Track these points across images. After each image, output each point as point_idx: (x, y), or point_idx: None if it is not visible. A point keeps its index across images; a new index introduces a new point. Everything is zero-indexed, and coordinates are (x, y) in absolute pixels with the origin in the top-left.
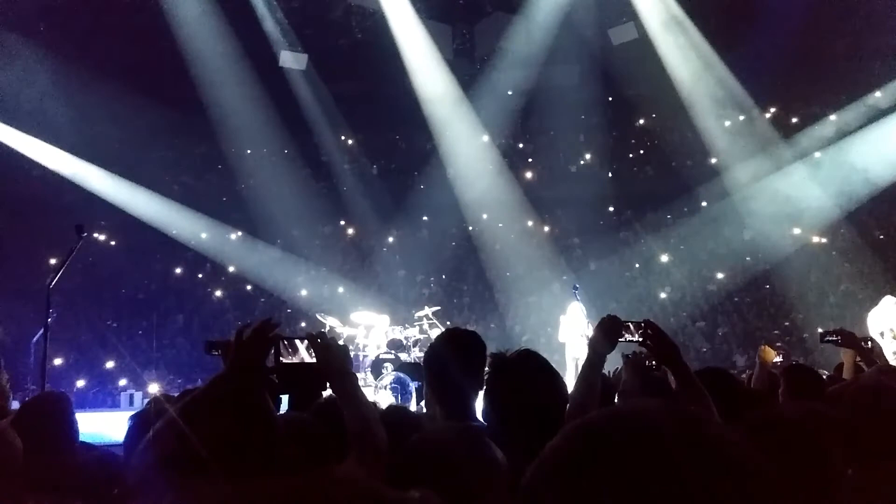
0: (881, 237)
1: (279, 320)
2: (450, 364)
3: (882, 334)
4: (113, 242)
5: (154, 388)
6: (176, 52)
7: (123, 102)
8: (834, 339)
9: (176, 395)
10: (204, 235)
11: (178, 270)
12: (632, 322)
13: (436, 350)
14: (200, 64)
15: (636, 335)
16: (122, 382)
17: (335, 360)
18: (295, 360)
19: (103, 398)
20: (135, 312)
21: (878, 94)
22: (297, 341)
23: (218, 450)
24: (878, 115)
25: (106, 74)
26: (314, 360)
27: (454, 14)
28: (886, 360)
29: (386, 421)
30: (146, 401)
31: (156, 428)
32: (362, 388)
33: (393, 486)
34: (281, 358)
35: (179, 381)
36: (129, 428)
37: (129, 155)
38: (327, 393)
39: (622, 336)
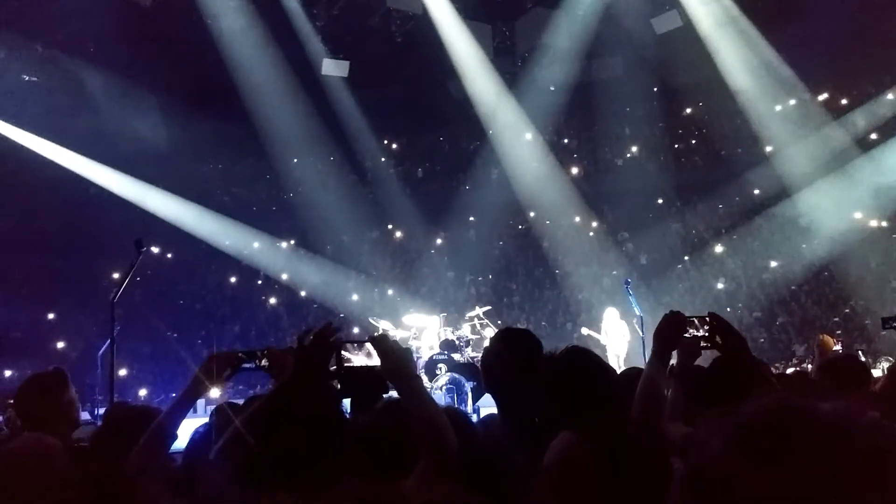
0: None
1: (340, 325)
2: (505, 363)
3: None
4: (169, 255)
5: (215, 394)
6: (220, 66)
7: (171, 117)
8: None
9: (241, 401)
10: (256, 245)
11: (232, 280)
12: (696, 317)
13: (491, 350)
14: (244, 76)
15: (701, 330)
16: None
17: (399, 363)
18: (356, 363)
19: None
20: (192, 322)
21: None
22: (359, 344)
23: (286, 461)
24: None
25: (153, 90)
26: (376, 362)
27: (493, 12)
28: None
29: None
30: (209, 408)
31: (223, 440)
32: None
33: (461, 486)
34: (343, 362)
35: (240, 387)
36: (192, 440)
37: (179, 169)
38: (386, 395)
39: (686, 332)
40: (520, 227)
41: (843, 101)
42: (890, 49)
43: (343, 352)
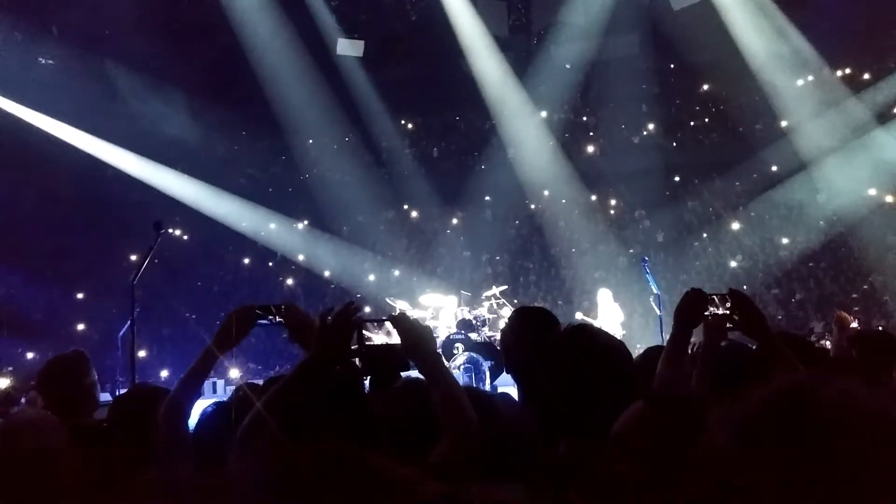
0: None
1: (360, 304)
2: (522, 342)
3: None
4: (186, 237)
5: (235, 374)
6: (235, 48)
7: (188, 100)
8: None
9: (261, 382)
10: (272, 226)
11: (248, 261)
12: (716, 295)
13: (508, 329)
14: (259, 57)
15: (721, 308)
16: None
17: (420, 340)
18: (377, 341)
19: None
20: (211, 304)
21: None
22: (380, 323)
23: (307, 447)
24: None
25: (170, 73)
26: (395, 341)
27: None
28: None
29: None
30: (229, 388)
31: (245, 424)
32: None
33: (481, 467)
34: (364, 341)
35: (259, 367)
36: (204, 415)
37: (195, 151)
38: (406, 374)
39: (707, 309)
40: (535, 206)
41: (864, 77)
42: None
43: (364, 331)
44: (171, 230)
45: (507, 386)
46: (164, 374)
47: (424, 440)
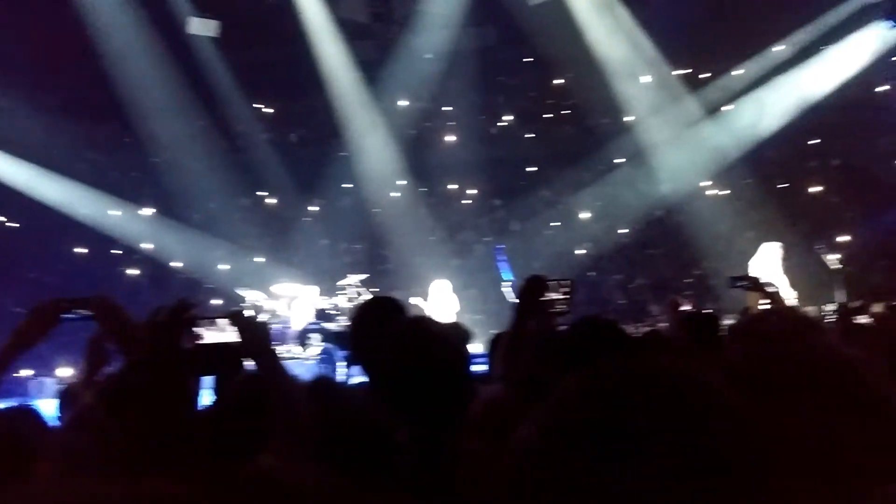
0: (783, 185)
1: (197, 300)
2: (366, 330)
3: None
4: (14, 224)
5: (64, 373)
6: (75, 22)
7: (18, 76)
8: (745, 283)
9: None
10: (113, 213)
11: (86, 251)
12: (556, 280)
13: (355, 318)
14: (105, 35)
15: (559, 292)
16: (30, 372)
17: (257, 338)
18: (211, 339)
19: (11, 387)
20: (42, 296)
21: (781, 46)
22: (218, 320)
23: (129, 443)
24: (782, 67)
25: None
26: (231, 338)
27: None
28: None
29: (313, 393)
30: (58, 387)
31: (67, 419)
32: (289, 360)
33: (322, 463)
34: (197, 338)
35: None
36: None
37: (27, 132)
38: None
39: (545, 295)
40: (393, 194)
41: (705, 75)
42: (743, 29)
43: (197, 328)
44: None
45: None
46: None
47: (258, 441)
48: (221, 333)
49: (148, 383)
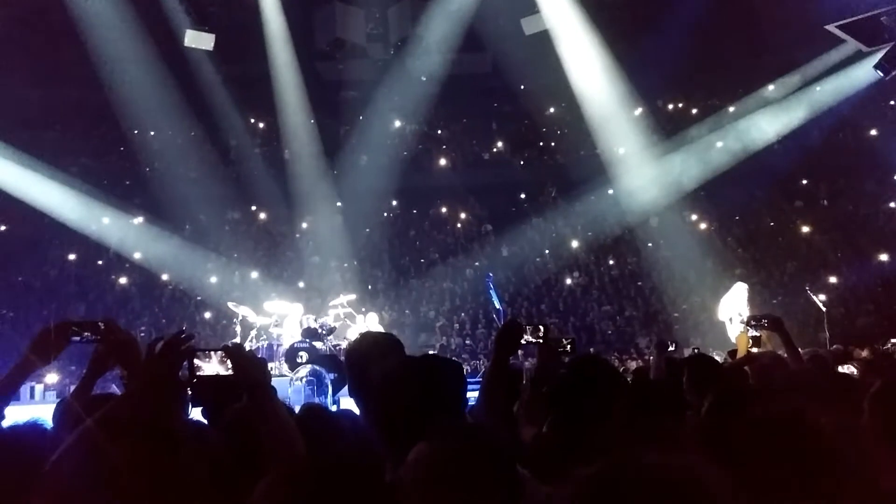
0: (771, 224)
1: (193, 332)
2: (369, 365)
3: (731, 319)
4: (4, 227)
5: (53, 379)
6: (74, 31)
7: (17, 82)
8: (763, 324)
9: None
10: (105, 220)
11: (76, 257)
12: (530, 325)
13: (356, 352)
14: (101, 43)
15: (533, 336)
16: None
17: (253, 373)
18: (209, 372)
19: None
20: (32, 301)
21: (770, 87)
22: (213, 353)
23: (122, 474)
24: (772, 105)
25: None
26: (230, 372)
27: None
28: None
29: (302, 422)
30: (48, 394)
31: (64, 447)
32: (278, 378)
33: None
34: (195, 370)
35: (82, 371)
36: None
37: (22, 136)
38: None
39: (522, 338)
40: (386, 214)
41: (692, 112)
42: (728, 68)
43: (195, 360)
44: None
45: (350, 399)
46: None
47: (250, 476)
48: (220, 366)
49: (144, 413)
